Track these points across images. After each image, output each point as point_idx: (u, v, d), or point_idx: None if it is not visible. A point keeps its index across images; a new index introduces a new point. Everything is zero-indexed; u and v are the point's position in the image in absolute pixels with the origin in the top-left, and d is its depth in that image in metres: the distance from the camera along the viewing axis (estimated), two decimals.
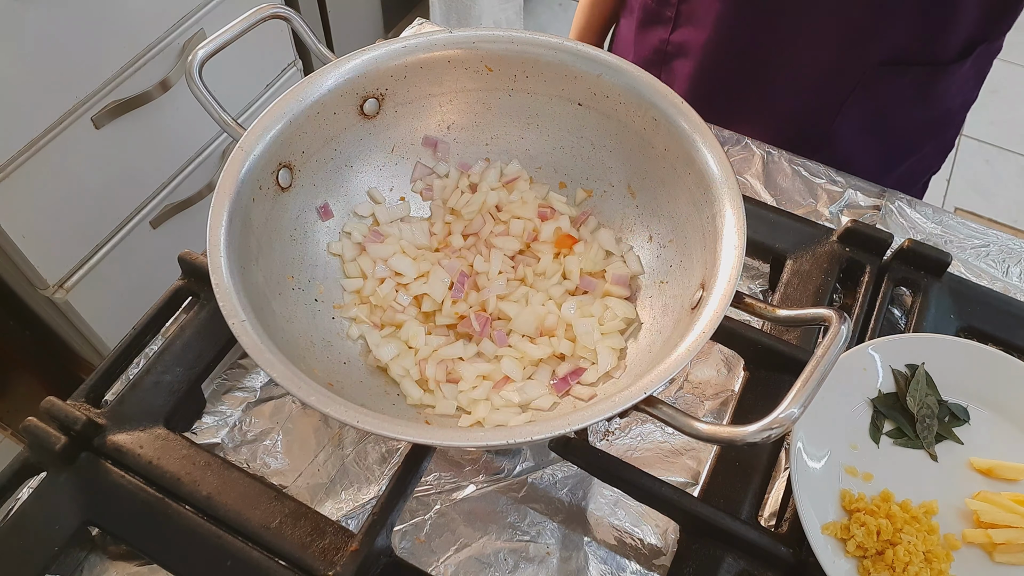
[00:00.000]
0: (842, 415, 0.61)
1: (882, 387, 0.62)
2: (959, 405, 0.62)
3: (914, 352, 0.63)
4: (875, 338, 0.65)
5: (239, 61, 1.33)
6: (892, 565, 0.53)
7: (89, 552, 0.57)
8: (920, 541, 0.54)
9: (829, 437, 0.59)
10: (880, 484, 0.58)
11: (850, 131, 0.89)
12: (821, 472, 0.58)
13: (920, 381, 0.62)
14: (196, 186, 1.36)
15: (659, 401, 0.47)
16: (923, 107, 0.87)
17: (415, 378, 0.60)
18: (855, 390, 0.62)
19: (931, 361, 0.62)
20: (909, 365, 0.63)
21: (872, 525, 0.54)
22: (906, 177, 0.96)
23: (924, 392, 0.61)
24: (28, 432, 0.57)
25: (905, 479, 0.58)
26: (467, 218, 0.68)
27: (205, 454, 0.57)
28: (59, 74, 1.05)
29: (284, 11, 0.65)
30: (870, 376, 0.62)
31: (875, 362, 0.62)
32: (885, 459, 0.59)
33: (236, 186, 0.56)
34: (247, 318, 0.49)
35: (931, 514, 0.57)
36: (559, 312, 0.63)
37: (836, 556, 0.54)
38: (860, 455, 0.59)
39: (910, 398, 0.61)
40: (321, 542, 0.53)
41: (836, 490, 0.57)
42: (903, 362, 0.63)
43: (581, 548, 0.59)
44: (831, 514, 0.56)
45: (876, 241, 0.70)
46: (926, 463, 0.59)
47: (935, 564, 0.54)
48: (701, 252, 0.57)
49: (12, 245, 1.07)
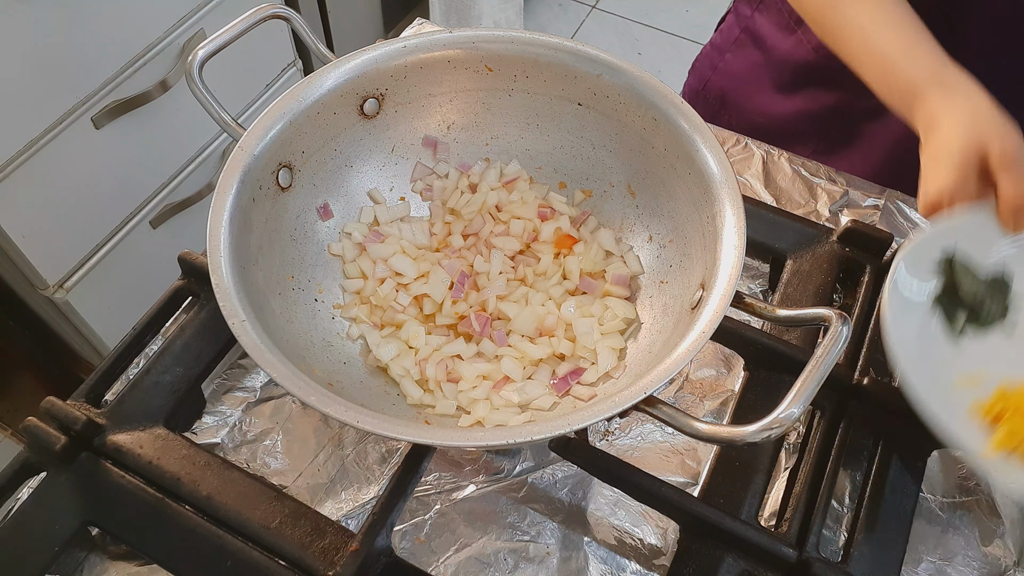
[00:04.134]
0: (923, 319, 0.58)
1: (933, 287, 0.59)
2: (998, 273, 0.59)
3: (935, 249, 0.60)
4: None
5: (239, 61, 1.33)
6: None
7: (89, 552, 0.57)
8: None
9: (926, 349, 0.57)
10: (991, 380, 0.56)
11: None
12: (951, 402, 0.55)
13: (960, 270, 0.59)
14: (196, 186, 1.36)
15: (659, 401, 0.47)
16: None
17: (415, 378, 0.60)
18: (919, 297, 0.59)
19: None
20: (940, 262, 0.60)
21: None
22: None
23: (970, 278, 0.59)
24: (28, 432, 0.57)
25: (1005, 364, 0.57)
26: (467, 218, 0.68)
27: (205, 454, 0.57)
28: (59, 74, 1.05)
29: (284, 11, 0.65)
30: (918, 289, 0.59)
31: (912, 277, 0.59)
32: (978, 352, 0.57)
33: (236, 186, 0.56)
34: (247, 318, 0.49)
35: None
36: (559, 312, 0.63)
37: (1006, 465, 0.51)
38: (959, 360, 0.57)
39: (962, 291, 0.58)
40: (321, 542, 0.53)
41: (967, 406, 0.55)
42: (932, 264, 0.60)
43: (581, 548, 0.59)
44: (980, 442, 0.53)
45: (876, 241, 0.70)
46: (1011, 340, 0.57)
47: None
48: (701, 252, 0.57)
49: (12, 245, 1.07)
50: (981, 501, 0.62)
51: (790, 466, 0.62)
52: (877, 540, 0.56)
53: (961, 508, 0.62)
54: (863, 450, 0.63)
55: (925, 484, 0.61)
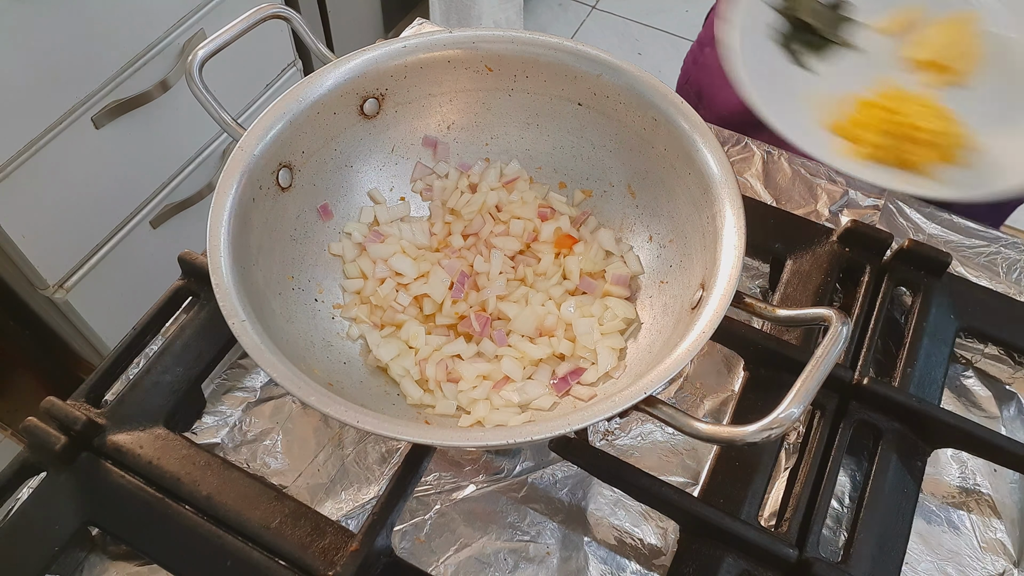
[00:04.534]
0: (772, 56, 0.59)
1: (773, 22, 0.60)
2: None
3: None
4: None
5: (239, 61, 1.33)
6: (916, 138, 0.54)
7: (89, 552, 0.57)
8: (913, 105, 0.55)
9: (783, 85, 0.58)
10: (843, 95, 0.58)
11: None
12: (805, 120, 0.57)
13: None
14: (196, 186, 1.36)
15: (659, 401, 0.47)
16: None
17: (415, 378, 0.60)
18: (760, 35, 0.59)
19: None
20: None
21: (877, 123, 0.54)
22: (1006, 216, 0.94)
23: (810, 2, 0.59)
24: (28, 432, 0.57)
25: (855, 79, 0.58)
26: (467, 218, 0.68)
27: (205, 454, 0.57)
28: (59, 74, 1.05)
29: (284, 11, 0.65)
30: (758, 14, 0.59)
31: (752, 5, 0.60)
32: (828, 75, 0.58)
33: (236, 186, 0.56)
34: (247, 318, 0.49)
35: (898, 87, 0.58)
36: (559, 312, 0.63)
37: (870, 167, 0.54)
38: (812, 84, 0.58)
39: (800, 12, 0.59)
40: (321, 542, 0.53)
41: (828, 123, 0.56)
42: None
43: (581, 548, 0.59)
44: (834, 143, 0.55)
45: (876, 241, 0.70)
46: (855, 55, 0.58)
47: (940, 113, 0.55)
48: (701, 252, 0.57)
49: (12, 245, 1.07)
50: (981, 501, 0.62)
51: (790, 466, 0.62)
52: (877, 540, 0.56)
53: (961, 508, 0.62)
54: (863, 450, 0.63)
55: (925, 484, 0.61)
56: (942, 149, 0.54)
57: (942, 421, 0.60)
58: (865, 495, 0.58)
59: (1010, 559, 0.59)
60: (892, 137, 0.54)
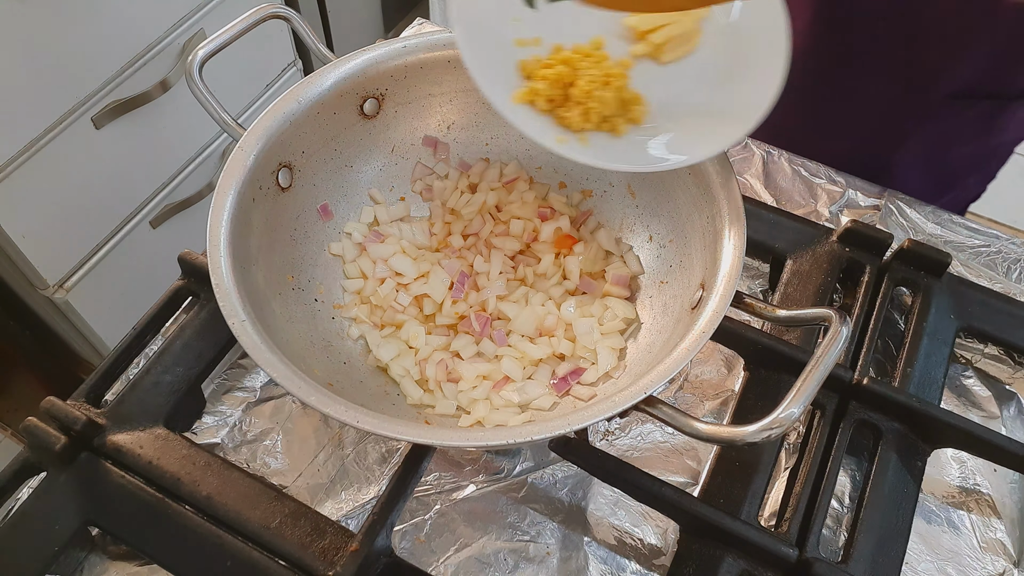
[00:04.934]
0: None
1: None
2: None
3: None
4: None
5: (239, 61, 1.33)
6: (580, 100, 0.55)
7: (89, 552, 0.57)
8: (595, 68, 0.55)
9: (492, 15, 0.58)
10: (549, 43, 0.58)
11: (908, 164, 0.88)
12: (495, 55, 0.57)
13: None
14: (196, 186, 1.36)
15: (659, 401, 0.47)
16: (980, 140, 0.86)
17: (415, 378, 0.60)
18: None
19: None
20: None
21: (551, 75, 0.55)
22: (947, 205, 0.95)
23: None
24: (28, 432, 0.57)
25: (569, 29, 0.59)
26: (467, 218, 0.68)
27: (205, 454, 0.57)
28: (59, 74, 1.05)
29: (284, 11, 0.65)
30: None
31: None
32: (547, 19, 0.58)
33: (236, 186, 0.56)
34: (247, 318, 0.49)
35: (599, 47, 0.58)
36: (559, 312, 0.63)
37: (533, 119, 0.54)
38: (524, 24, 0.59)
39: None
40: (321, 542, 0.53)
41: (514, 64, 0.57)
42: None
43: (581, 548, 0.59)
44: (518, 87, 0.56)
45: (876, 241, 0.70)
46: (581, 7, 0.58)
47: (614, 83, 0.55)
48: (701, 252, 0.57)
49: (12, 245, 1.07)
50: (981, 501, 0.62)
51: (790, 466, 0.62)
52: (877, 540, 0.56)
53: (961, 508, 0.62)
54: (863, 450, 0.63)
55: (925, 484, 0.61)
56: (594, 116, 0.56)
57: (942, 421, 0.60)
58: (865, 495, 0.58)
59: (1010, 559, 0.59)
60: (558, 92, 0.56)
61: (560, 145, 0.54)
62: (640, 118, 0.57)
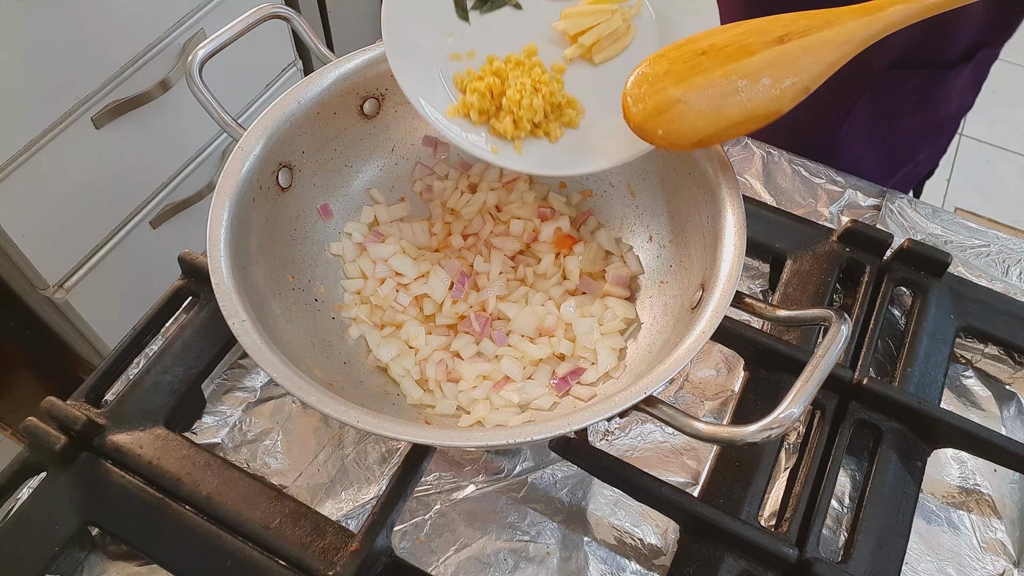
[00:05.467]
0: (429, 4, 0.60)
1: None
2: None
3: None
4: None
5: (239, 61, 1.33)
6: (510, 110, 0.55)
7: (89, 552, 0.57)
8: (525, 76, 0.56)
9: (424, 33, 0.58)
10: (483, 55, 0.59)
11: (855, 138, 0.89)
12: (430, 71, 0.58)
13: None
14: (196, 186, 1.36)
15: (659, 401, 0.47)
16: (925, 112, 0.87)
17: (415, 378, 0.60)
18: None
19: None
20: None
21: (482, 87, 0.56)
22: (902, 182, 0.97)
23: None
24: (28, 432, 0.57)
25: (503, 39, 0.59)
26: (467, 218, 0.68)
27: (205, 454, 0.57)
28: (59, 74, 1.05)
29: (284, 11, 0.65)
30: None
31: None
32: (480, 31, 0.59)
33: (236, 186, 0.56)
34: (247, 318, 0.49)
35: (532, 54, 0.59)
36: (559, 312, 0.63)
37: (467, 131, 0.55)
38: (457, 38, 0.59)
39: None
40: (321, 542, 0.53)
41: (449, 78, 0.58)
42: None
43: (581, 548, 0.59)
44: (452, 102, 0.57)
45: (876, 241, 0.70)
46: (516, 15, 0.59)
47: (545, 89, 0.56)
48: (701, 252, 0.57)
49: (12, 245, 1.07)
50: (981, 501, 0.62)
51: (790, 466, 0.62)
52: (877, 540, 0.56)
53: (961, 508, 0.62)
54: (863, 450, 0.63)
55: (925, 484, 0.61)
56: (525, 123, 0.57)
57: (942, 421, 0.60)
58: (865, 495, 0.58)
59: (1010, 559, 0.59)
60: (489, 103, 0.56)
61: (495, 156, 0.56)
62: (576, 121, 0.59)
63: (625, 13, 0.59)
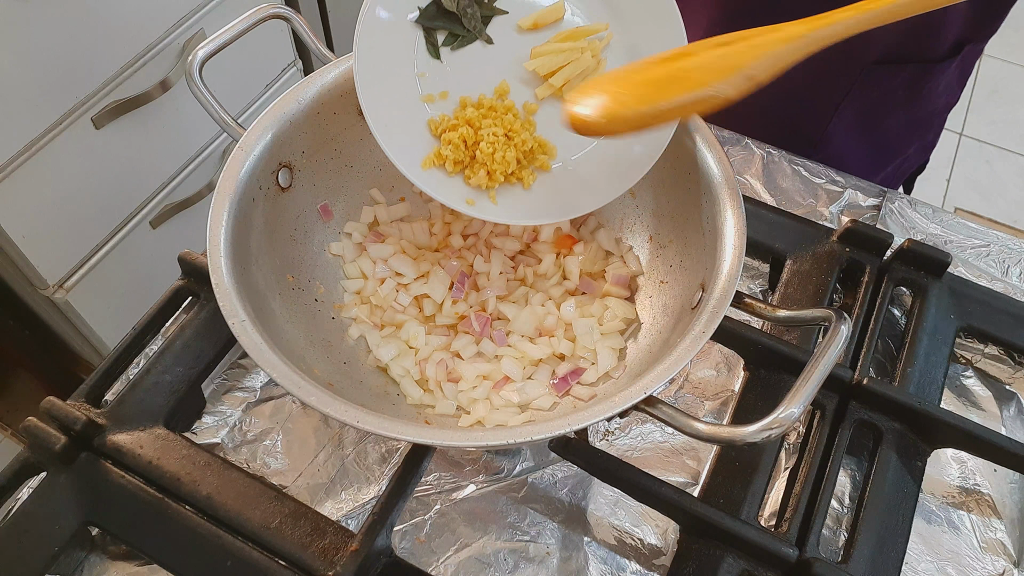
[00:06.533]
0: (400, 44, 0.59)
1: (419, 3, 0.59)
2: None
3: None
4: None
5: (239, 61, 1.33)
6: (483, 162, 0.56)
7: (89, 552, 0.57)
8: (498, 125, 0.56)
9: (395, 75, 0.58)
10: (456, 95, 0.59)
11: (843, 134, 0.90)
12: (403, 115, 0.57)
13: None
14: (196, 186, 1.36)
15: (659, 401, 0.47)
16: (912, 107, 0.88)
17: (415, 378, 0.60)
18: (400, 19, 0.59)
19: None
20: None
21: (456, 138, 0.56)
22: (892, 176, 0.97)
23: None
24: (28, 432, 0.57)
25: (475, 78, 0.59)
26: (467, 218, 0.68)
27: (205, 454, 0.57)
28: (59, 74, 1.05)
29: (284, 11, 0.65)
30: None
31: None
32: (452, 70, 0.59)
33: (236, 186, 0.56)
34: (247, 318, 0.49)
35: (504, 94, 0.59)
36: (559, 312, 0.63)
37: (442, 182, 0.56)
38: (430, 79, 0.59)
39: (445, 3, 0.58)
40: (321, 542, 0.53)
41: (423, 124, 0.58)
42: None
43: (581, 548, 0.59)
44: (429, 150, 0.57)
45: (876, 241, 0.70)
46: (487, 51, 0.58)
47: (517, 137, 0.56)
48: (701, 252, 0.57)
49: (12, 245, 1.07)
50: (981, 501, 0.62)
51: (790, 466, 0.62)
52: (877, 540, 0.56)
53: (961, 508, 0.62)
54: (863, 450, 0.63)
55: (925, 484, 0.61)
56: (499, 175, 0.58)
57: (942, 421, 0.60)
58: (865, 495, 0.58)
59: (1010, 559, 0.59)
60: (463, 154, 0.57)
61: (470, 208, 0.57)
62: (548, 165, 0.60)
63: (595, 47, 0.59)
